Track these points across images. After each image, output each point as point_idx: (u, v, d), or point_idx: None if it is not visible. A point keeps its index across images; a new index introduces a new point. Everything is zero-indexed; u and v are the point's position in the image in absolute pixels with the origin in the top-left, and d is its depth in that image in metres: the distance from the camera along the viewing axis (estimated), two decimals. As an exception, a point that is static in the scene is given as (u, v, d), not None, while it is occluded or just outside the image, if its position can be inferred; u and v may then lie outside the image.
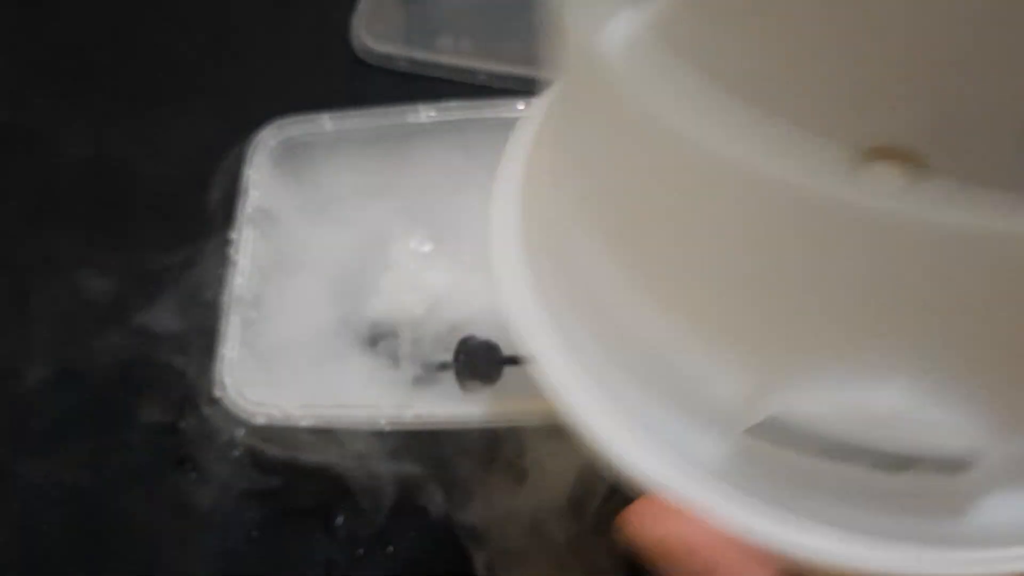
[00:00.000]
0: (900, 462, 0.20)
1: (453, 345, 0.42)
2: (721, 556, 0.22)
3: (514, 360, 0.40)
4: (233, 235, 0.42)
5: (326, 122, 0.46)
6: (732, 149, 0.18)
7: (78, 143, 0.53)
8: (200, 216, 0.47)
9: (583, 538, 0.39)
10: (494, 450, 0.41)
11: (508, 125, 0.45)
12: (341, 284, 0.47)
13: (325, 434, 0.40)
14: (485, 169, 0.47)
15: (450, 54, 0.54)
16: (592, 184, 0.25)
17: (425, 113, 0.45)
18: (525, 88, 0.51)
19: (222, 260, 0.43)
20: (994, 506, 0.22)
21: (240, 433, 0.43)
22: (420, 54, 0.54)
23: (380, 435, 0.40)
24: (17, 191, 0.52)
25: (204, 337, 0.40)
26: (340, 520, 0.41)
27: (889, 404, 0.20)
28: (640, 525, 0.23)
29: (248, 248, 0.42)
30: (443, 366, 0.41)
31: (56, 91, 0.56)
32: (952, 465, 0.20)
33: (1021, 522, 0.22)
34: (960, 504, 0.21)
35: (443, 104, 0.45)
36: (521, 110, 0.45)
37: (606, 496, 0.39)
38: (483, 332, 0.42)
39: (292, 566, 0.41)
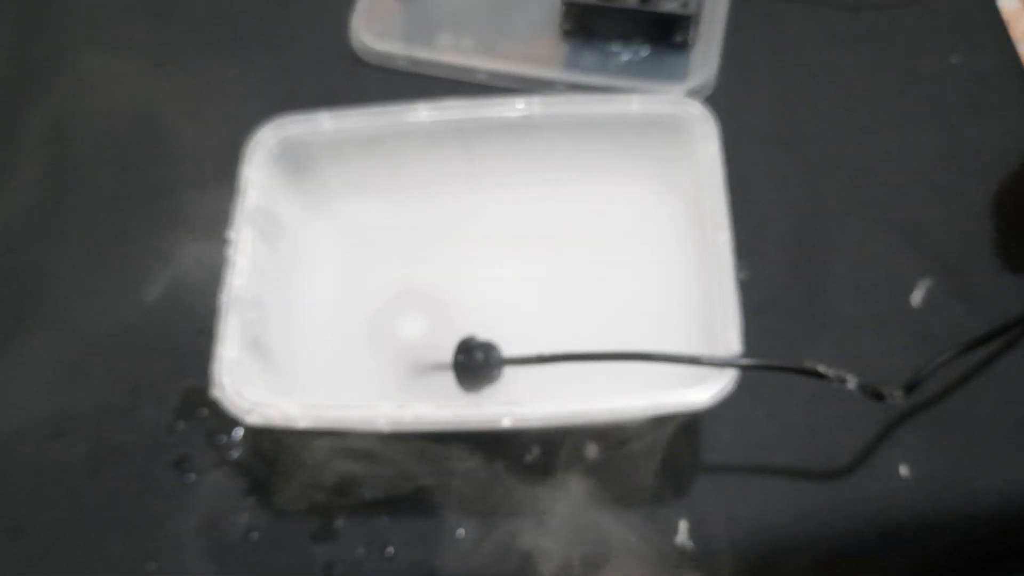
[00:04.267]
0: None
1: (453, 345, 0.41)
2: None
3: (514, 360, 0.40)
4: (232, 235, 0.42)
5: (325, 121, 0.45)
6: None
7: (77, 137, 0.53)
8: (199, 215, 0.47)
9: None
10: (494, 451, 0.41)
11: (508, 124, 0.46)
12: (340, 283, 0.46)
13: (323, 435, 0.40)
14: (485, 168, 0.47)
15: (450, 52, 0.53)
16: None
17: (425, 112, 0.45)
18: (525, 87, 0.51)
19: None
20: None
21: (238, 434, 0.42)
22: (420, 52, 0.53)
23: (379, 436, 0.40)
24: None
25: (202, 337, 0.40)
26: (340, 521, 0.41)
27: None
28: None
29: (246, 248, 0.42)
30: (443, 366, 0.41)
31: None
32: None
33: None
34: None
35: (443, 103, 0.45)
36: (521, 109, 0.45)
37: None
38: (483, 332, 0.42)
39: (291, 567, 0.40)
